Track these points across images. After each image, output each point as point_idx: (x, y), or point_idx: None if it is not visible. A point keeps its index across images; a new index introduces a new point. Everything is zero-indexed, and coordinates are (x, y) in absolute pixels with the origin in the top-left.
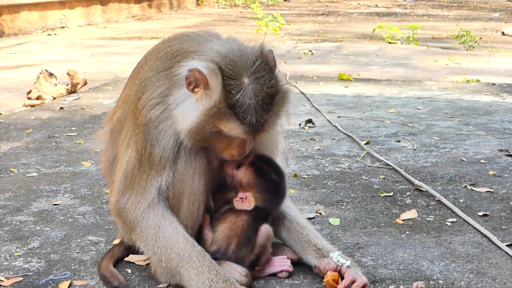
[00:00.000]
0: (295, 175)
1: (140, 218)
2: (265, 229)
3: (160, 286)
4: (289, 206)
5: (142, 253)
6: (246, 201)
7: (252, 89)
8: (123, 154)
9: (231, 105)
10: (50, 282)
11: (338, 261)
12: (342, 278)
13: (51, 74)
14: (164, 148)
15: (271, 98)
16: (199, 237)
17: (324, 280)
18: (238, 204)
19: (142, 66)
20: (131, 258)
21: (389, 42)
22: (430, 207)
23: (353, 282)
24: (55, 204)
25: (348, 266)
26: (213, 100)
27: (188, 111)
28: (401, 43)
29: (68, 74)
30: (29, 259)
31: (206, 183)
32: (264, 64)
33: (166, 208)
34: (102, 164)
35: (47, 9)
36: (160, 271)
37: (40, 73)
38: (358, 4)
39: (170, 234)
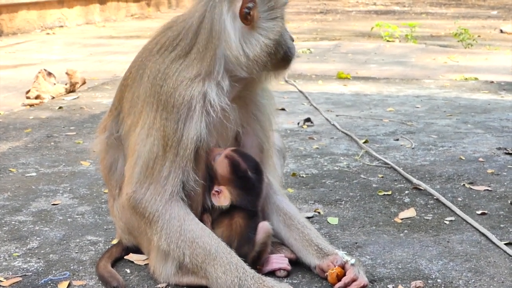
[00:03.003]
0: (294, 174)
1: (163, 210)
2: (264, 226)
3: (159, 286)
4: (287, 202)
5: (142, 253)
6: (221, 195)
7: None
8: (141, 145)
9: None
10: (49, 282)
11: (343, 257)
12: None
13: (50, 74)
14: (197, 128)
15: None
16: None
17: (329, 270)
18: (214, 199)
19: (141, 67)
20: (131, 257)
21: (388, 40)
22: (428, 205)
23: (353, 280)
24: (54, 204)
25: (352, 264)
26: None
27: (254, 34)
28: (399, 41)
29: (67, 73)
30: (28, 259)
31: (202, 185)
32: None
33: (186, 203)
34: (101, 172)
35: (46, 8)
36: (160, 271)
37: (39, 72)
38: (357, 2)
39: (195, 227)
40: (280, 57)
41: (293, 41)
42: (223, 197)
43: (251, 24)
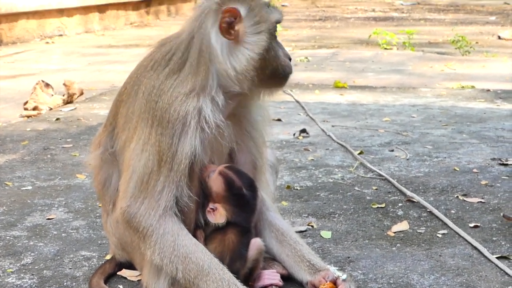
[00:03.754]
0: (288, 187)
1: (157, 225)
2: (257, 243)
3: None
4: (279, 219)
5: (135, 269)
6: (216, 213)
7: None
8: (136, 160)
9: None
10: None
11: (334, 273)
12: None
13: (47, 85)
14: (192, 144)
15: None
16: None
17: (321, 286)
18: (210, 216)
19: (137, 83)
20: (124, 273)
21: (385, 48)
22: (421, 218)
23: None
24: (49, 219)
25: (344, 280)
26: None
27: (240, 48)
28: (397, 48)
29: (64, 84)
30: (22, 275)
31: (196, 201)
32: None
33: (179, 218)
34: (94, 187)
35: (45, 17)
36: (152, 287)
37: (37, 83)
38: (356, 8)
39: (188, 243)
40: (269, 73)
41: (290, 60)
42: (218, 215)
43: (236, 38)
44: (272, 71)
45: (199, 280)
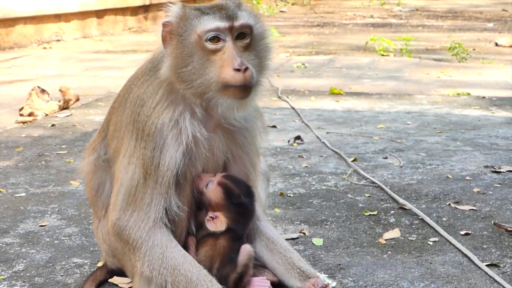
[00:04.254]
0: (281, 194)
1: (146, 237)
2: (247, 249)
3: None
4: (270, 228)
5: (126, 276)
6: (217, 221)
7: (215, 2)
8: (123, 173)
9: (197, 9)
10: None
11: (324, 280)
12: None
13: (43, 91)
14: (172, 156)
15: (237, 4)
16: None
17: None
18: (210, 225)
19: (128, 91)
20: (115, 280)
21: (382, 55)
22: (413, 226)
23: None
24: (41, 225)
25: (333, 287)
26: (179, 20)
27: (168, 58)
28: (394, 55)
29: (60, 90)
30: (14, 282)
31: (188, 210)
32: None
33: (169, 229)
34: (87, 194)
35: (43, 22)
36: None
37: (32, 89)
38: (354, 14)
39: (177, 255)
40: (203, 82)
41: (238, 70)
42: (219, 222)
43: (169, 49)
44: (206, 81)
45: None
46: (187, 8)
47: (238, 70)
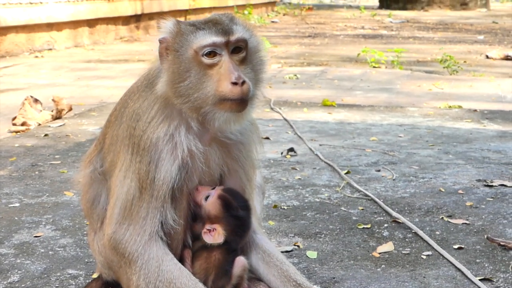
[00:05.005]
0: (275, 206)
1: (142, 250)
2: (241, 261)
3: None
4: (266, 240)
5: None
6: (215, 233)
7: (208, 16)
8: (119, 187)
9: (192, 25)
10: None
11: None
12: None
13: (36, 100)
14: (168, 170)
15: (230, 18)
16: None
17: None
18: (207, 237)
19: (124, 105)
20: None
21: (374, 66)
22: (406, 239)
23: None
24: (36, 236)
25: None
26: (175, 36)
27: (164, 74)
28: (386, 67)
29: (53, 100)
30: None
31: (185, 223)
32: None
33: (165, 243)
34: (82, 206)
35: (35, 31)
36: None
37: (25, 99)
38: (345, 25)
39: (173, 268)
40: (197, 97)
41: (236, 84)
42: (217, 235)
43: (165, 64)
44: (203, 95)
45: None
46: (181, 24)
47: (235, 83)
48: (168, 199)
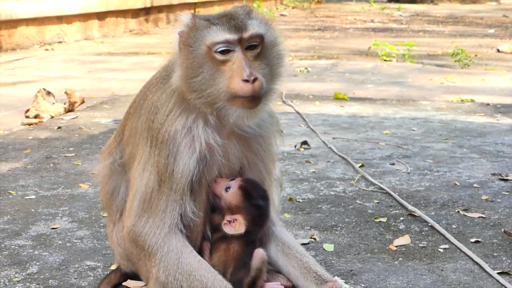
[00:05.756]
0: (290, 199)
1: (161, 243)
2: (260, 253)
3: None
4: (284, 232)
5: (140, 279)
6: (236, 224)
7: (224, 11)
8: (138, 179)
9: (206, 19)
10: None
11: (342, 285)
12: None
13: (49, 93)
14: (186, 163)
15: (246, 12)
16: None
17: None
18: (228, 228)
19: (143, 97)
20: (129, 283)
21: (385, 60)
22: (423, 232)
23: None
24: (53, 228)
25: None
26: (190, 30)
27: (178, 68)
28: (397, 60)
29: (65, 93)
30: (28, 284)
31: (204, 215)
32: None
33: (184, 235)
34: (101, 197)
35: (45, 24)
36: None
37: (38, 91)
38: (354, 19)
39: (192, 260)
40: (209, 93)
41: (247, 81)
42: (238, 225)
43: (180, 58)
44: (216, 91)
45: None
46: (197, 18)
47: (246, 81)
48: (187, 192)
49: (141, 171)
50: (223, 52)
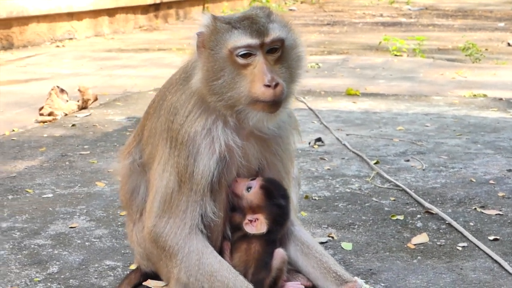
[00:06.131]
0: (307, 197)
1: (182, 244)
2: (280, 253)
3: None
4: (304, 232)
5: (160, 279)
6: (257, 223)
7: (244, 12)
8: (158, 180)
9: (227, 22)
10: None
11: (362, 285)
12: None
13: (62, 91)
14: (206, 164)
15: (267, 15)
16: None
17: None
18: (250, 228)
19: (163, 98)
20: (149, 283)
21: (395, 55)
22: (441, 230)
23: None
24: (71, 227)
25: None
26: (210, 32)
27: (198, 70)
28: (407, 55)
29: (79, 90)
30: (49, 284)
31: (224, 215)
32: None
33: (205, 236)
34: (121, 196)
35: (56, 20)
36: None
37: (52, 89)
38: (363, 13)
39: (213, 261)
40: (230, 96)
41: (269, 86)
42: (259, 224)
43: (200, 60)
44: (237, 95)
45: None
46: (218, 21)
47: (268, 86)
48: (207, 193)
49: (161, 171)
50: (244, 56)
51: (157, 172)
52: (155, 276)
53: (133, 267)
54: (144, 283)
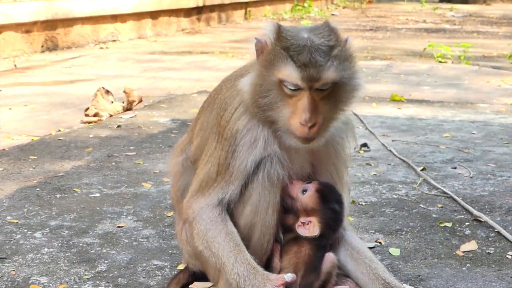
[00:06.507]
0: (353, 202)
1: (196, 213)
2: (330, 257)
3: None
4: (355, 237)
5: (207, 280)
6: (310, 226)
7: (307, 37)
8: (201, 168)
9: (286, 47)
10: None
11: None
12: None
13: (107, 92)
14: (243, 160)
15: (329, 47)
16: (267, 265)
17: None
18: (302, 230)
19: (218, 91)
20: (196, 285)
21: (440, 61)
22: (489, 238)
23: None
24: (119, 227)
25: None
26: (269, 47)
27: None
28: (452, 62)
29: (124, 91)
30: (98, 282)
31: (278, 217)
32: (324, 25)
33: (225, 213)
34: (171, 194)
35: (100, 22)
36: None
37: (98, 90)
38: (406, 19)
39: (217, 229)
40: (271, 115)
41: (305, 124)
42: (312, 227)
43: (258, 59)
44: (276, 117)
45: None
46: (277, 42)
47: (304, 124)
48: (239, 183)
49: (205, 162)
50: (292, 89)
51: (202, 162)
52: (203, 276)
53: (181, 267)
54: (190, 286)
